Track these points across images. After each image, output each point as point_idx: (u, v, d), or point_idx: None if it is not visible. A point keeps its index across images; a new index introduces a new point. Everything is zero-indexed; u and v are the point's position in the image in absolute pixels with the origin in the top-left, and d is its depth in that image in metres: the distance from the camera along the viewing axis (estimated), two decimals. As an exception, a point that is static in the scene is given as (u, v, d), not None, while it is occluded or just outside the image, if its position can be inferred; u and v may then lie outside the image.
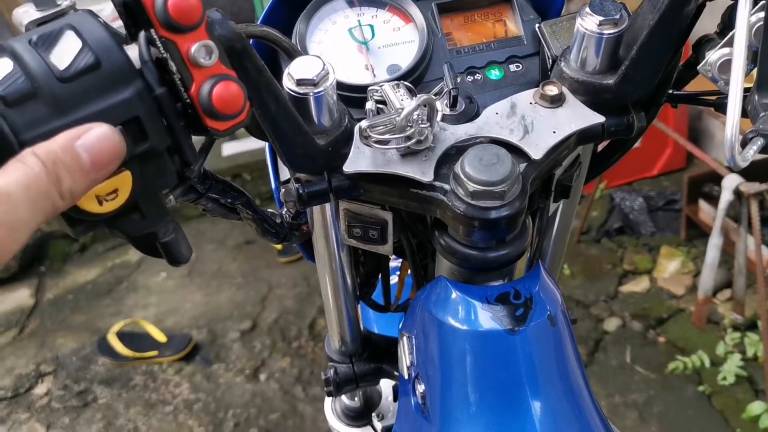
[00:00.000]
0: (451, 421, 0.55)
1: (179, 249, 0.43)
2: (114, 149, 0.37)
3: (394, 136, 0.51)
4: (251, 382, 2.23)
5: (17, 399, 2.25)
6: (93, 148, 0.36)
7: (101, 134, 0.36)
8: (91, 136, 0.36)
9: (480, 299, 0.54)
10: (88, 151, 0.35)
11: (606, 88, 0.55)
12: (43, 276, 2.82)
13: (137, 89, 0.38)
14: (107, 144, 0.36)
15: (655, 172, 2.92)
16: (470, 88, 0.61)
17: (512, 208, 0.50)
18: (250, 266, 2.75)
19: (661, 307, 2.33)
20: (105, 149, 0.36)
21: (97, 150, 0.36)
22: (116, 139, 0.37)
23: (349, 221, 0.61)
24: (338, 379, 0.81)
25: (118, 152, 0.37)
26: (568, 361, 0.56)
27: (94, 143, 0.36)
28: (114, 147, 0.37)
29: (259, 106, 0.46)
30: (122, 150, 0.37)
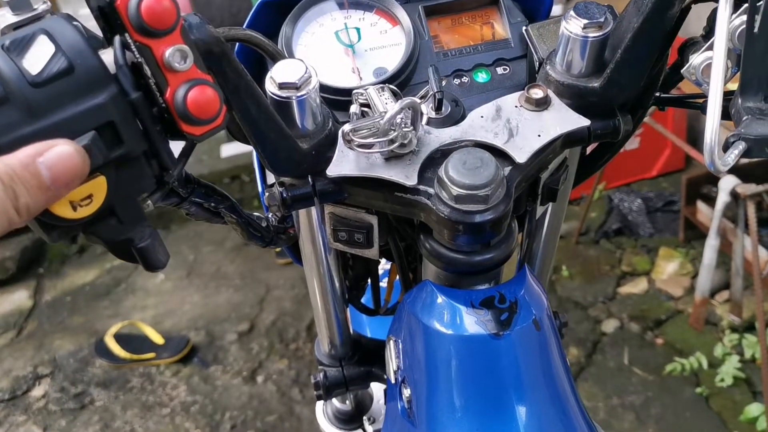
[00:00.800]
0: (437, 426, 0.55)
1: (155, 255, 0.43)
2: (76, 168, 0.36)
3: (378, 140, 0.51)
4: (248, 384, 2.23)
5: (14, 401, 2.25)
6: (54, 165, 0.35)
7: (64, 152, 0.36)
8: (53, 153, 0.35)
9: (465, 303, 0.54)
10: (50, 168, 0.35)
11: (591, 91, 0.54)
12: (42, 278, 2.83)
13: (111, 94, 0.37)
14: (69, 163, 0.36)
15: (654, 173, 2.92)
16: (457, 91, 0.61)
17: (496, 212, 0.50)
18: (248, 268, 2.75)
19: (660, 309, 2.33)
20: (66, 168, 0.36)
21: (58, 168, 0.35)
22: (78, 159, 0.36)
23: (334, 225, 0.61)
24: (328, 382, 0.80)
25: (79, 172, 0.37)
26: (553, 366, 0.55)
27: (56, 161, 0.35)
28: (76, 166, 0.36)
29: (240, 110, 0.46)
30: (85, 169, 0.37)
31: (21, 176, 0.34)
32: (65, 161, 0.35)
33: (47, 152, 0.35)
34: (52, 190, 0.35)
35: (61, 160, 0.35)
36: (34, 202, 0.35)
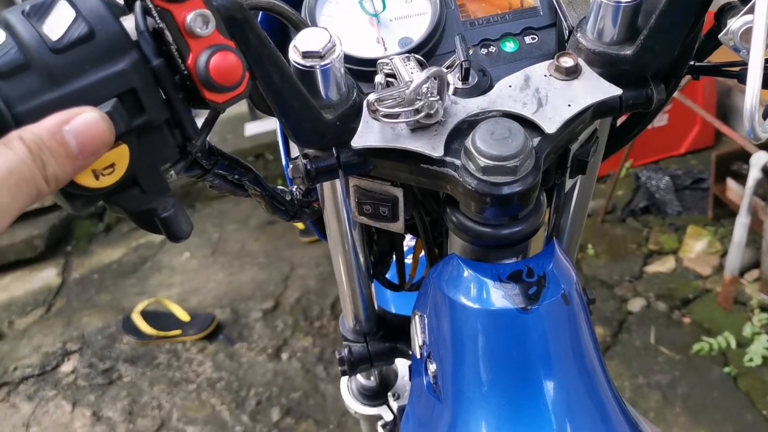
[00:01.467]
0: (463, 400, 0.54)
1: (179, 225, 0.43)
2: (102, 136, 0.36)
3: (403, 109, 0.50)
4: (273, 361, 2.24)
5: (44, 377, 2.29)
6: (81, 134, 0.35)
7: (90, 120, 0.35)
8: (79, 121, 0.35)
9: (492, 277, 0.53)
10: (76, 137, 0.35)
11: (624, 59, 0.53)
12: (70, 256, 2.86)
13: (133, 61, 0.37)
14: (96, 130, 0.35)
15: (683, 150, 2.87)
16: (484, 61, 0.59)
17: (525, 184, 0.49)
18: (273, 246, 2.76)
19: (687, 288, 2.30)
20: (93, 136, 0.35)
21: (85, 136, 0.35)
22: (105, 126, 0.36)
23: (359, 198, 0.60)
24: (353, 358, 0.80)
25: (106, 139, 0.36)
26: (582, 341, 0.54)
27: (83, 129, 0.35)
28: (102, 134, 0.36)
29: (263, 79, 0.45)
30: (111, 137, 0.36)
31: (49, 145, 0.34)
32: (92, 129, 0.35)
33: (73, 120, 0.34)
34: (79, 158, 0.35)
35: (88, 128, 0.35)
36: (62, 172, 0.34)
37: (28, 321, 2.53)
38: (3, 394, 2.24)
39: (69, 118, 0.34)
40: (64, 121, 0.34)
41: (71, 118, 0.34)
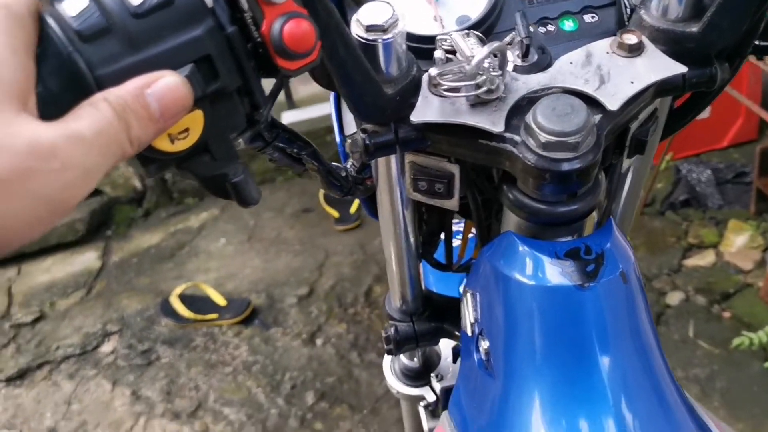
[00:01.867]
0: (517, 376, 0.55)
1: (249, 190, 0.43)
2: (182, 99, 0.37)
3: (464, 84, 0.50)
4: (308, 347, 2.26)
5: (85, 356, 2.34)
6: (163, 97, 0.36)
7: (171, 83, 0.36)
8: (160, 84, 0.36)
9: (549, 254, 0.53)
10: (158, 100, 0.36)
11: (689, 37, 0.52)
12: (109, 240, 2.91)
13: (208, 27, 0.37)
14: (176, 94, 0.36)
15: (725, 143, 2.81)
16: (542, 40, 0.59)
17: (585, 161, 0.49)
18: (308, 233, 2.77)
19: (727, 282, 2.26)
20: (174, 99, 0.36)
21: (166, 99, 0.36)
22: (185, 90, 0.37)
23: (414, 174, 0.60)
24: (399, 337, 0.80)
25: (186, 103, 0.37)
26: (639, 320, 0.54)
27: (164, 92, 0.36)
28: (183, 98, 0.37)
29: (329, 50, 0.45)
30: (190, 101, 0.37)
31: (132, 107, 0.34)
32: (173, 92, 0.36)
33: (155, 84, 0.35)
34: (160, 121, 0.36)
35: (169, 92, 0.36)
36: (144, 134, 0.35)
37: (69, 302, 2.58)
38: (45, 373, 2.29)
39: (151, 81, 0.35)
40: (146, 84, 0.35)
41: (153, 81, 0.35)
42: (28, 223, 0.32)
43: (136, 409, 2.12)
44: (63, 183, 0.32)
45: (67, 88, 0.35)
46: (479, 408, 0.60)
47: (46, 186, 0.31)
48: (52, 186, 0.32)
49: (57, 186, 0.32)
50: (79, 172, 0.32)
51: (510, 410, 0.55)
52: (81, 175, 0.33)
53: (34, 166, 0.31)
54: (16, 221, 0.31)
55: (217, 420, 2.05)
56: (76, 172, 0.32)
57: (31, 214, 0.32)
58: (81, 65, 0.35)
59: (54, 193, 0.32)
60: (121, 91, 0.35)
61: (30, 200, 0.31)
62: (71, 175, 0.32)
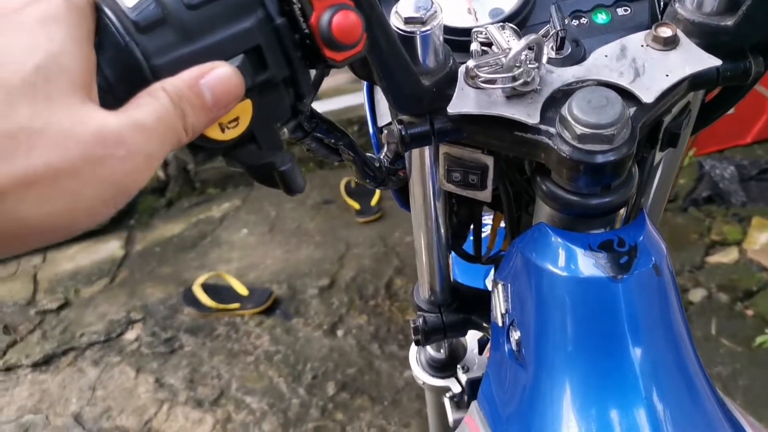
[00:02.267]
0: (548, 366, 0.55)
1: (295, 178, 0.44)
2: (235, 89, 0.38)
3: (501, 75, 0.51)
4: (329, 338, 2.28)
5: (109, 343, 2.37)
6: (216, 87, 0.37)
7: (224, 74, 0.37)
8: (214, 75, 0.37)
9: (582, 246, 0.54)
10: (211, 89, 0.37)
11: (724, 30, 0.52)
12: (132, 229, 2.94)
13: (258, 18, 0.38)
14: (229, 84, 0.38)
15: (749, 140, 2.79)
16: (575, 33, 0.60)
17: (620, 153, 0.49)
18: (329, 225, 2.79)
19: (751, 280, 2.24)
20: (227, 89, 0.37)
21: (219, 89, 0.37)
22: (237, 80, 0.38)
23: (448, 165, 0.61)
24: (427, 328, 0.81)
25: (238, 93, 0.38)
26: (672, 313, 0.54)
27: (217, 83, 0.37)
28: (235, 87, 0.38)
29: (371, 42, 0.46)
30: (242, 90, 0.39)
31: (187, 97, 0.36)
32: (225, 83, 0.37)
33: (209, 74, 0.37)
34: (213, 110, 0.37)
35: (222, 82, 0.37)
36: (198, 122, 0.37)
37: (93, 290, 2.62)
38: (70, 359, 2.33)
39: (204, 72, 0.36)
40: (201, 74, 0.36)
41: (206, 72, 0.36)
42: (96, 208, 0.33)
43: (159, 396, 2.15)
44: (128, 169, 0.33)
45: (124, 77, 0.36)
46: (509, 398, 0.61)
47: (113, 172, 0.33)
48: (118, 172, 0.33)
49: (122, 172, 0.33)
50: (142, 159, 0.34)
51: (540, 400, 0.56)
52: (143, 161, 0.34)
53: (101, 153, 0.32)
54: (85, 205, 0.33)
55: (239, 408, 2.08)
56: (139, 158, 0.34)
57: (100, 199, 0.33)
58: (138, 55, 0.36)
59: (120, 179, 0.33)
60: (177, 81, 0.36)
61: (98, 186, 0.33)
62: (135, 162, 0.33)
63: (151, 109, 0.34)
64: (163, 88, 0.35)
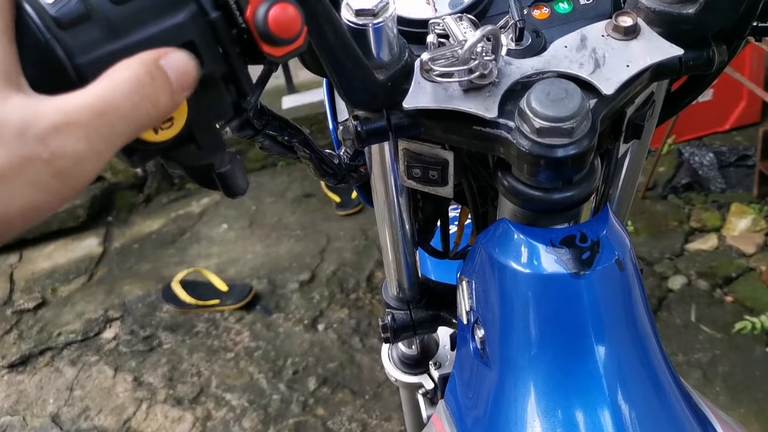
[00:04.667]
0: (512, 365, 0.54)
1: (236, 180, 0.42)
2: (193, 72, 0.36)
3: (457, 68, 0.49)
4: (310, 332, 2.26)
5: (87, 342, 2.35)
6: (177, 68, 0.35)
7: (181, 56, 0.35)
8: (172, 57, 0.35)
9: (544, 242, 0.52)
10: (173, 70, 0.35)
11: (685, 18, 0.51)
12: (111, 226, 2.91)
13: (191, 12, 0.36)
14: (188, 66, 0.36)
15: (727, 126, 2.80)
16: (537, 23, 0.58)
17: (580, 147, 0.48)
18: (309, 219, 2.77)
19: (730, 266, 2.25)
20: (186, 70, 0.36)
21: (179, 70, 0.35)
22: (194, 63, 0.36)
23: (408, 161, 0.59)
24: (396, 325, 0.80)
25: (194, 76, 0.36)
26: (635, 308, 0.53)
27: (177, 63, 0.35)
28: (193, 70, 0.36)
29: (317, 36, 0.45)
30: (196, 75, 0.36)
31: (155, 74, 0.34)
32: (184, 64, 0.35)
33: (166, 56, 0.35)
34: (177, 93, 0.35)
35: (181, 63, 0.35)
36: (166, 104, 0.35)
37: (70, 288, 2.59)
38: (47, 359, 2.30)
39: (161, 54, 0.35)
40: (159, 56, 0.34)
41: (162, 55, 0.35)
42: (32, 211, 0.31)
43: (138, 395, 2.13)
44: (70, 164, 0.31)
45: (46, 77, 0.34)
46: (475, 397, 0.60)
47: (51, 169, 0.31)
48: (56, 169, 0.31)
49: (62, 168, 0.31)
50: (90, 151, 0.32)
51: (505, 400, 0.55)
52: (93, 153, 0.32)
53: (31, 150, 0.30)
54: (18, 209, 0.31)
55: (219, 406, 2.06)
56: (84, 150, 0.31)
57: (35, 202, 0.31)
58: (59, 53, 0.34)
59: (62, 174, 0.31)
60: (141, 58, 0.34)
61: (34, 185, 0.30)
62: (77, 155, 0.31)
63: (111, 87, 0.32)
64: (129, 66, 0.33)
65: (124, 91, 0.33)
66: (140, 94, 0.33)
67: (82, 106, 0.32)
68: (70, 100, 0.32)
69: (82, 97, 0.32)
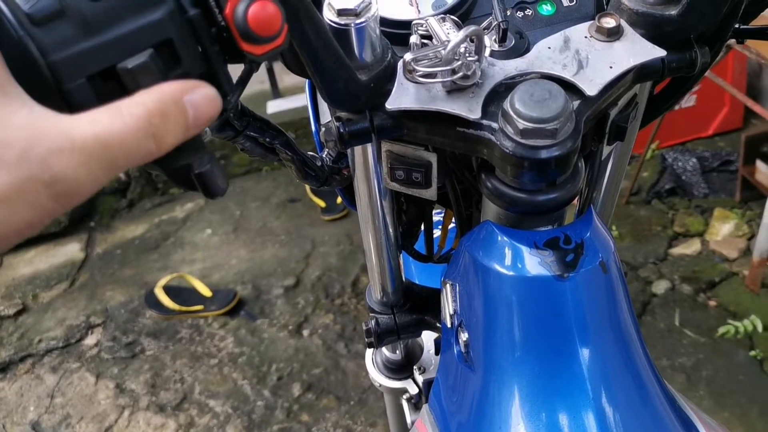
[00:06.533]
0: (496, 368, 0.54)
1: (214, 181, 0.42)
2: (215, 112, 0.36)
3: (440, 69, 0.49)
4: (294, 338, 2.25)
5: (68, 349, 2.32)
6: (199, 106, 0.35)
7: (208, 94, 0.36)
8: (199, 93, 0.35)
9: (528, 244, 0.52)
10: (195, 108, 0.35)
11: (668, 20, 0.51)
12: (93, 231, 2.89)
13: (169, 9, 0.36)
14: (212, 105, 0.36)
15: (710, 132, 2.82)
16: (520, 24, 0.58)
17: (564, 148, 0.47)
18: (294, 224, 2.76)
19: (713, 271, 2.27)
20: (208, 110, 0.36)
21: (201, 108, 0.35)
22: (218, 102, 0.36)
23: (391, 163, 0.59)
24: (379, 330, 0.79)
25: (215, 115, 0.37)
26: (619, 310, 0.53)
27: (201, 101, 0.35)
28: (215, 110, 0.36)
29: (299, 35, 0.44)
30: (218, 113, 0.37)
31: (171, 112, 0.34)
32: (209, 103, 0.35)
33: (193, 91, 0.35)
34: (191, 129, 0.35)
35: (206, 101, 0.35)
36: (175, 139, 0.35)
37: (52, 294, 2.56)
38: (28, 366, 2.27)
39: (188, 88, 0.35)
40: (185, 90, 0.34)
41: (189, 89, 0.35)
42: (28, 228, 0.31)
43: (120, 402, 2.10)
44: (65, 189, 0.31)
45: (19, 75, 0.33)
46: (459, 401, 0.59)
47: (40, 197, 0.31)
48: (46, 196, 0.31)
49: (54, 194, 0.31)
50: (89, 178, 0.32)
51: (489, 403, 0.54)
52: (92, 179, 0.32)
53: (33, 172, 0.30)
54: (13, 229, 0.31)
55: (202, 412, 2.04)
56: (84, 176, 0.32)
57: (30, 221, 0.31)
58: (33, 50, 0.33)
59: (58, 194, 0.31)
60: (161, 94, 0.34)
61: (30, 207, 0.31)
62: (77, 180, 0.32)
63: (120, 121, 0.32)
64: (143, 102, 0.33)
65: (130, 126, 0.33)
66: (147, 132, 0.33)
67: (88, 134, 0.32)
68: (77, 126, 0.32)
69: (89, 124, 0.32)
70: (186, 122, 0.35)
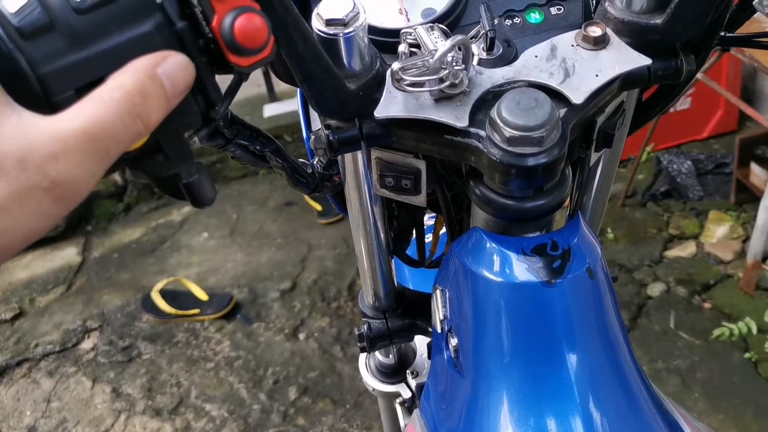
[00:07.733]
0: (485, 374, 0.54)
1: (202, 190, 0.42)
2: (190, 77, 0.36)
3: (428, 78, 0.49)
4: (290, 341, 2.25)
5: (65, 353, 2.32)
6: (173, 74, 0.35)
7: (180, 61, 0.36)
8: (170, 62, 0.35)
9: (516, 250, 0.52)
10: (170, 78, 0.35)
11: (653, 29, 0.51)
12: (90, 235, 2.89)
13: (157, 23, 0.36)
14: (186, 71, 0.36)
15: (705, 134, 2.83)
16: (509, 33, 0.58)
17: (550, 156, 0.48)
18: (291, 227, 2.76)
19: (708, 273, 2.27)
20: (183, 76, 0.36)
21: (176, 77, 0.35)
22: (191, 67, 0.36)
23: (381, 170, 0.59)
24: (372, 334, 0.80)
25: (191, 80, 0.37)
26: (606, 315, 0.54)
27: (174, 70, 0.35)
28: (190, 75, 0.36)
29: (287, 45, 0.44)
30: (193, 78, 0.37)
31: (149, 88, 0.34)
32: (182, 70, 0.35)
33: (164, 62, 0.35)
34: (171, 101, 0.35)
35: (179, 69, 0.35)
36: (158, 115, 0.35)
37: (49, 299, 2.56)
38: (24, 370, 2.27)
39: (158, 60, 0.35)
40: (155, 63, 0.34)
41: (161, 60, 0.35)
42: (31, 235, 0.32)
43: (116, 406, 2.10)
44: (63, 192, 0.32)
45: (10, 88, 0.34)
46: (449, 406, 0.60)
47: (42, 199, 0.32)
48: (47, 200, 0.32)
49: (53, 198, 0.32)
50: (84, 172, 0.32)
51: (478, 408, 0.55)
52: (87, 173, 0.33)
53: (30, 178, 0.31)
54: (16, 238, 0.32)
55: (198, 416, 2.04)
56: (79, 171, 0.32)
57: (34, 228, 0.32)
58: (22, 63, 0.33)
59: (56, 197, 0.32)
60: (135, 72, 0.34)
61: (32, 215, 0.31)
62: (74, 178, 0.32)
63: (103, 108, 0.32)
64: (121, 84, 0.33)
65: (115, 111, 0.33)
66: (131, 113, 0.33)
67: (77, 131, 0.32)
68: (64, 124, 0.32)
69: (74, 119, 0.32)
70: (165, 94, 0.35)
